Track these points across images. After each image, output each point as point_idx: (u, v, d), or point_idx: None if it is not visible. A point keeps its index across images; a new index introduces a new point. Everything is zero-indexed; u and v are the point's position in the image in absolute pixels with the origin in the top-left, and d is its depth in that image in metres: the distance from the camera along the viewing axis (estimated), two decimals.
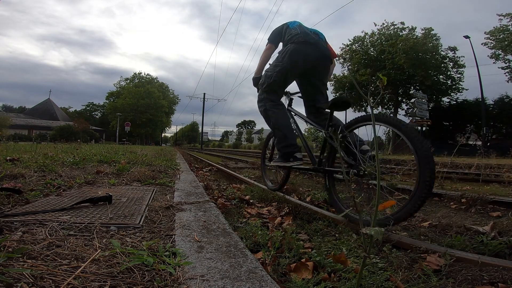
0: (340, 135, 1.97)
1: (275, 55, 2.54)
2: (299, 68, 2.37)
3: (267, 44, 2.61)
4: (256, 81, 2.68)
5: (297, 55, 2.30)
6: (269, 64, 2.55)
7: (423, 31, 24.83)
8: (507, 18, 20.69)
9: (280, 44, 2.57)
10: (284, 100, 2.65)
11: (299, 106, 2.70)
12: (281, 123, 2.37)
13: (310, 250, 1.37)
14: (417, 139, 1.53)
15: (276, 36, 2.57)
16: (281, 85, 2.45)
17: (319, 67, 2.41)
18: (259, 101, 2.51)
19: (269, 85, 2.41)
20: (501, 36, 21.12)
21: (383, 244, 1.47)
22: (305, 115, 2.56)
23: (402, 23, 25.74)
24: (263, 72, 2.55)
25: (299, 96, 2.61)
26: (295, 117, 2.65)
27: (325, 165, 2.16)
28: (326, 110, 2.21)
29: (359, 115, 2.03)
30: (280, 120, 2.38)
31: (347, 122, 2.05)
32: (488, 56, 22.45)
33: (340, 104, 2.07)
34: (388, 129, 1.72)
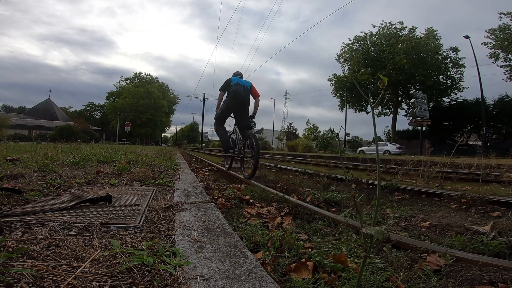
0: (243, 141, 4.50)
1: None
2: (230, 111, 4.66)
3: (219, 91, 4.71)
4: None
5: (228, 105, 4.57)
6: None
7: (426, 31, 24.84)
8: (507, 17, 20.68)
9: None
10: (233, 123, 4.91)
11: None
12: (222, 136, 4.78)
13: (310, 250, 1.37)
14: (256, 142, 3.99)
15: (224, 87, 4.64)
16: (222, 119, 4.74)
17: (240, 109, 4.61)
18: (214, 124, 4.84)
19: (216, 119, 4.77)
20: (501, 36, 21.12)
21: (383, 244, 1.47)
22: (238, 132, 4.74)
23: (401, 22, 25.77)
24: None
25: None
26: (237, 131, 4.78)
27: (241, 154, 4.57)
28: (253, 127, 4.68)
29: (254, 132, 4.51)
30: (222, 134, 4.79)
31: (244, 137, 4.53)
32: (487, 56, 22.47)
33: (246, 127, 4.58)
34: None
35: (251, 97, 4.66)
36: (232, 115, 4.74)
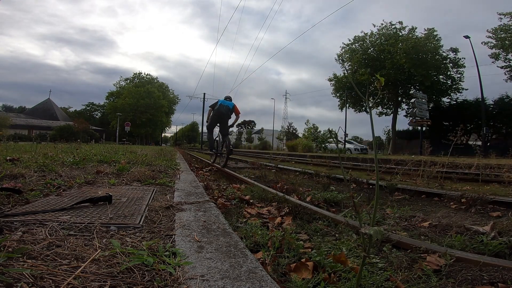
0: (223, 143, 6.64)
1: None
2: (214, 123, 6.70)
3: (209, 108, 6.78)
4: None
5: (212, 119, 6.65)
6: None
7: (426, 31, 24.85)
8: (507, 18, 20.68)
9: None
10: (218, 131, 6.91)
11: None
12: (209, 140, 7.17)
13: (310, 250, 1.37)
14: (228, 144, 6.28)
15: (213, 105, 6.68)
16: (210, 128, 6.78)
17: (221, 122, 6.64)
18: (207, 132, 7.06)
19: (207, 128, 6.94)
20: (502, 35, 21.12)
21: (382, 244, 1.47)
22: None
23: (401, 22, 25.78)
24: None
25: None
26: (219, 136, 6.81)
27: (219, 152, 6.83)
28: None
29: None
30: (209, 139, 7.15)
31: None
32: (489, 55, 22.46)
33: (225, 134, 6.56)
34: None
35: (233, 114, 6.70)
36: (218, 125, 6.74)
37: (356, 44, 27.86)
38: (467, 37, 19.65)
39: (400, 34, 25.59)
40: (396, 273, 1.16)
